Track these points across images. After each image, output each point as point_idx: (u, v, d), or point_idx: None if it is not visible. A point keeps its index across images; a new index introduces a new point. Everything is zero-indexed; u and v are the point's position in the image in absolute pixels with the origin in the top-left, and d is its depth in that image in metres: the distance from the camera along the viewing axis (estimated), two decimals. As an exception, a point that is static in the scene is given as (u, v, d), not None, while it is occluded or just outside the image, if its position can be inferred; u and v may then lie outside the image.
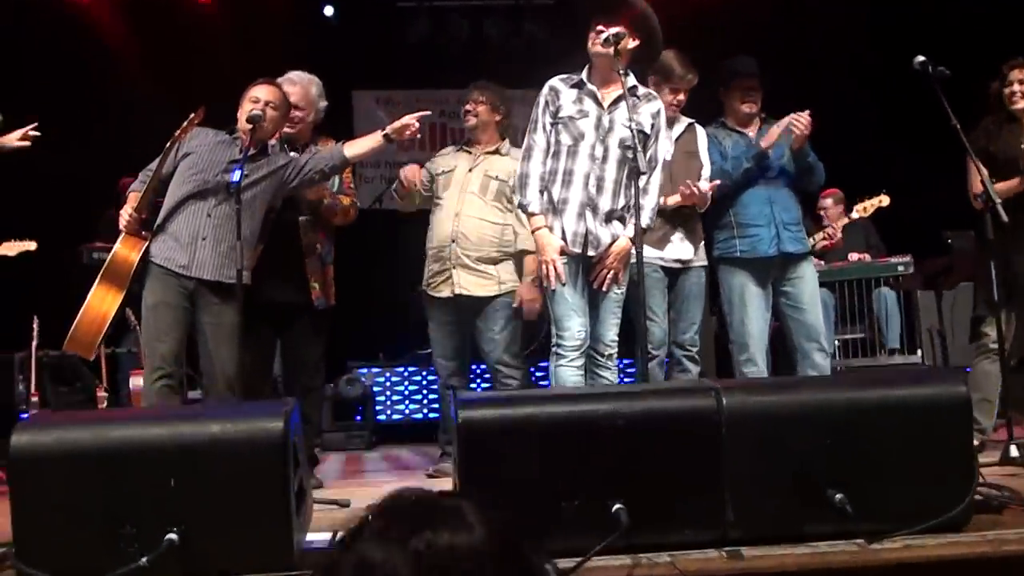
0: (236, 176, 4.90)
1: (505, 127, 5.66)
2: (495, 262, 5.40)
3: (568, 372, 4.55)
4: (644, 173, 4.49)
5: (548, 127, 4.67)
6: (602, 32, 4.54)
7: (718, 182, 5.22)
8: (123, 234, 4.91)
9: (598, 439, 3.01)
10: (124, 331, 7.40)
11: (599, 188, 4.57)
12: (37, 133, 5.15)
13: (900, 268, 7.69)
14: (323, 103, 5.52)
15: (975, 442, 5.27)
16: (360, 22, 9.35)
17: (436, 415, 7.64)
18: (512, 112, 5.71)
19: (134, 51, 8.70)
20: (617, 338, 4.68)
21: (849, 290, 7.70)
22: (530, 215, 4.62)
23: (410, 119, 5.01)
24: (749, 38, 8.46)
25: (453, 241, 5.37)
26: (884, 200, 7.02)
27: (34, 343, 6.68)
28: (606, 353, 4.65)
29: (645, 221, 4.49)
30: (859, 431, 3.07)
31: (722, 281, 5.42)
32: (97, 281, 4.78)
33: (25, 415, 6.67)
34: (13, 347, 6.81)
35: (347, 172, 5.52)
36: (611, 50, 4.52)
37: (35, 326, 6.67)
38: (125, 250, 4.85)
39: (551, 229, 4.54)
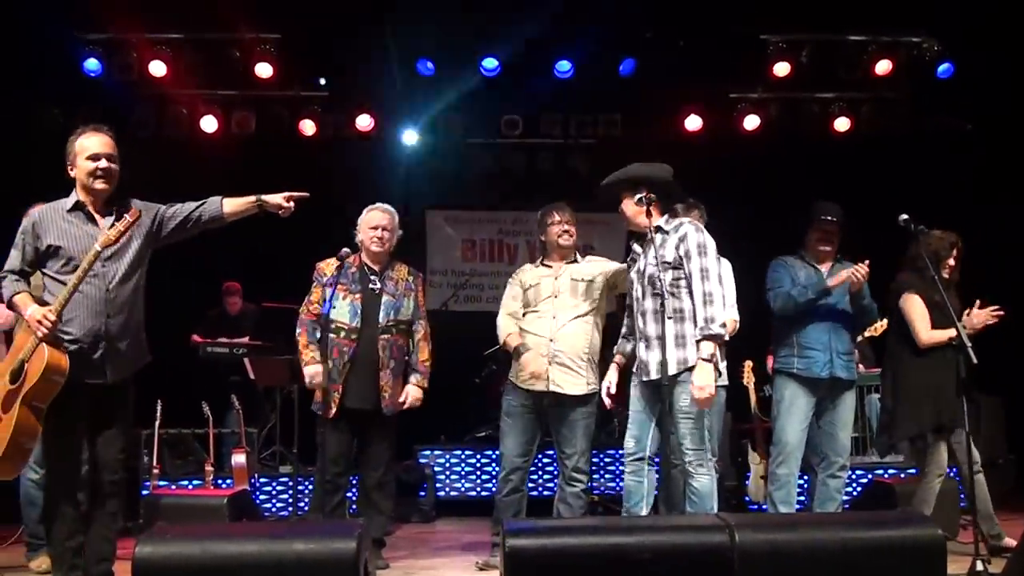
0: (325, 307, 4.93)
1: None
2: (586, 360, 5.19)
3: (624, 477, 4.73)
4: (675, 296, 4.52)
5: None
6: (640, 198, 4.61)
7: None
8: (43, 344, 3.94)
9: (629, 569, 2.98)
10: (227, 413, 7.46)
11: (644, 320, 4.62)
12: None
13: (887, 378, 7.57)
14: (400, 231, 5.45)
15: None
16: (434, 153, 9.47)
17: (488, 493, 7.56)
18: None
19: (248, 175, 8.81)
20: (694, 446, 4.44)
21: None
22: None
23: (284, 201, 4.44)
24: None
25: (551, 340, 5.15)
26: (885, 323, 6.92)
27: (157, 422, 6.66)
28: (685, 460, 4.47)
29: (710, 330, 4.42)
30: (854, 569, 3.01)
31: (775, 390, 5.43)
32: (21, 400, 3.95)
33: (148, 482, 6.68)
34: (140, 425, 6.82)
35: (420, 295, 5.46)
36: (644, 209, 4.59)
37: (159, 407, 6.64)
38: (57, 358, 3.94)
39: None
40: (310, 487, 7.06)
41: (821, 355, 5.23)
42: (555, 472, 7.81)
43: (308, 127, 8.89)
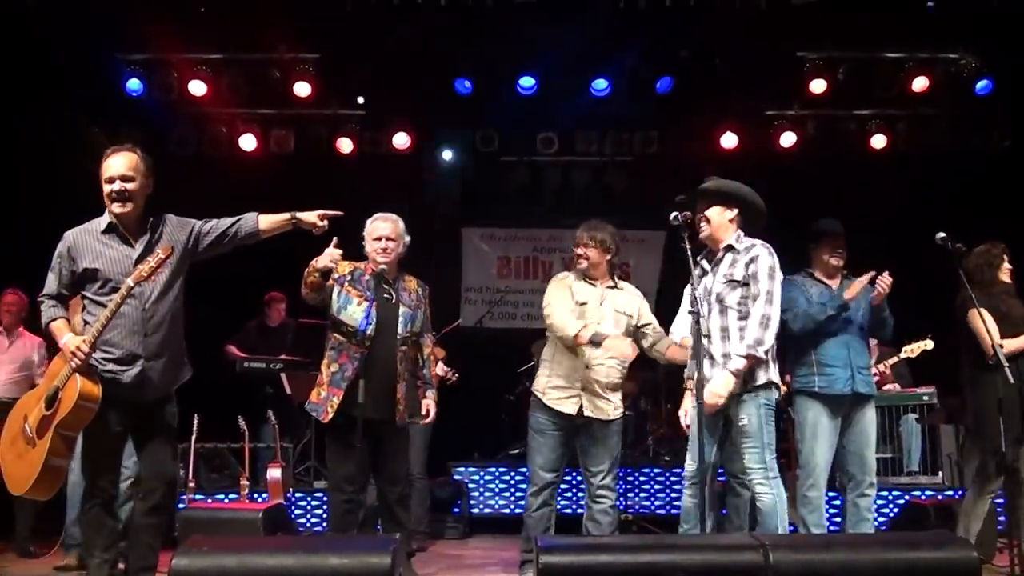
0: (363, 324, 4.90)
1: (614, 264, 5.33)
2: (615, 388, 5.18)
3: (683, 497, 4.69)
4: (741, 315, 4.56)
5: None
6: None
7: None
8: (76, 374, 3.98)
9: (661, 587, 2.98)
10: (263, 427, 7.53)
11: (709, 338, 4.62)
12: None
13: (925, 398, 7.56)
14: (407, 238, 5.26)
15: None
16: (470, 171, 9.53)
17: (521, 511, 7.52)
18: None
19: (286, 192, 8.93)
20: (755, 465, 4.48)
21: (880, 416, 7.46)
22: None
23: (320, 220, 4.50)
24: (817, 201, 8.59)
25: (587, 367, 5.09)
26: (929, 344, 6.85)
27: (193, 436, 6.72)
28: (747, 479, 4.56)
29: (741, 349, 4.49)
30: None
31: (797, 412, 5.34)
32: (54, 428, 4.02)
33: (183, 496, 6.75)
34: (176, 439, 6.89)
35: (428, 308, 5.38)
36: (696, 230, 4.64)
37: (195, 422, 6.70)
38: (89, 387, 4.00)
39: None
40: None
41: (842, 371, 5.18)
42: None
43: (346, 145, 8.99)
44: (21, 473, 4.10)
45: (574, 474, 7.62)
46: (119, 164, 4.15)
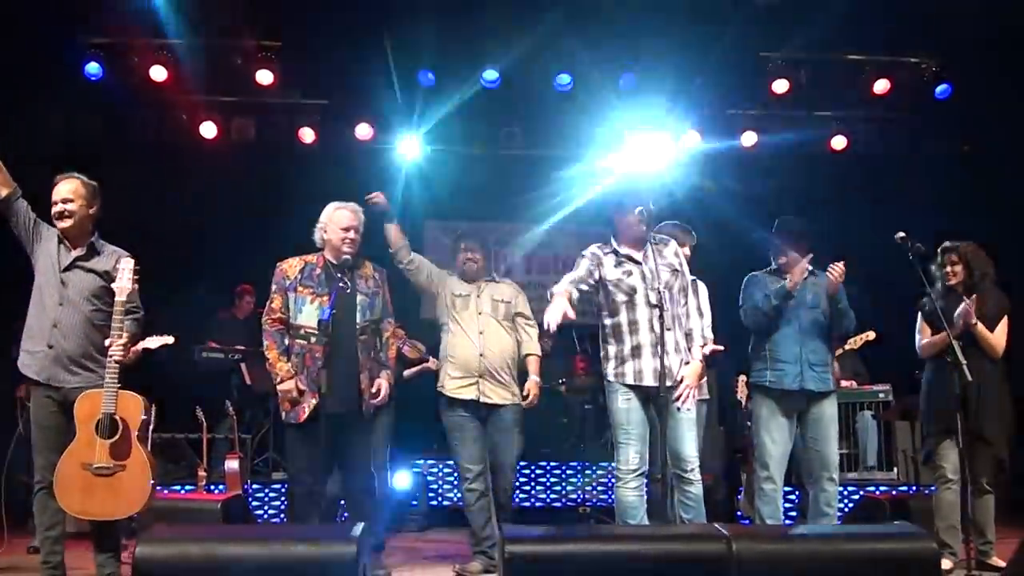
0: (326, 314, 4.83)
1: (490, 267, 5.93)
2: (509, 373, 5.50)
3: (622, 493, 4.54)
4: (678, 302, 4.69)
5: (589, 271, 4.71)
6: (641, 210, 4.65)
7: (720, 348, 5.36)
8: (122, 392, 4.44)
9: (626, 576, 3.01)
10: (221, 419, 7.45)
11: (677, 324, 4.65)
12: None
13: (881, 395, 7.68)
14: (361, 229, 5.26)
15: (949, 565, 5.24)
16: (433, 164, 9.49)
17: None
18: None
19: (247, 181, 8.89)
20: (695, 454, 4.59)
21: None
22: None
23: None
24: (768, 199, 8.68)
25: (481, 355, 5.43)
26: (871, 335, 6.99)
27: (151, 427, 6.62)
28: (687, 469, 4.57)
29: (699, 340, 4.76)
30: (849, 580, 3.05)
31: (753, 405, 5.44)
32: (137, 441, 4.44)
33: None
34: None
35: (387, 292, 5.35)
36: (646, 223, 4.65)
37: (152, 412, 6.61)
38: (140, 399, 4.53)
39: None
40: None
41: (792, 367, 5.22)
42: (546, 484, 7.86)
43: (307, 135, 8.93)
44: (126, 496, 4.37)
45: (533, 467, 7.70)
46: (60, 190, 4.69)
